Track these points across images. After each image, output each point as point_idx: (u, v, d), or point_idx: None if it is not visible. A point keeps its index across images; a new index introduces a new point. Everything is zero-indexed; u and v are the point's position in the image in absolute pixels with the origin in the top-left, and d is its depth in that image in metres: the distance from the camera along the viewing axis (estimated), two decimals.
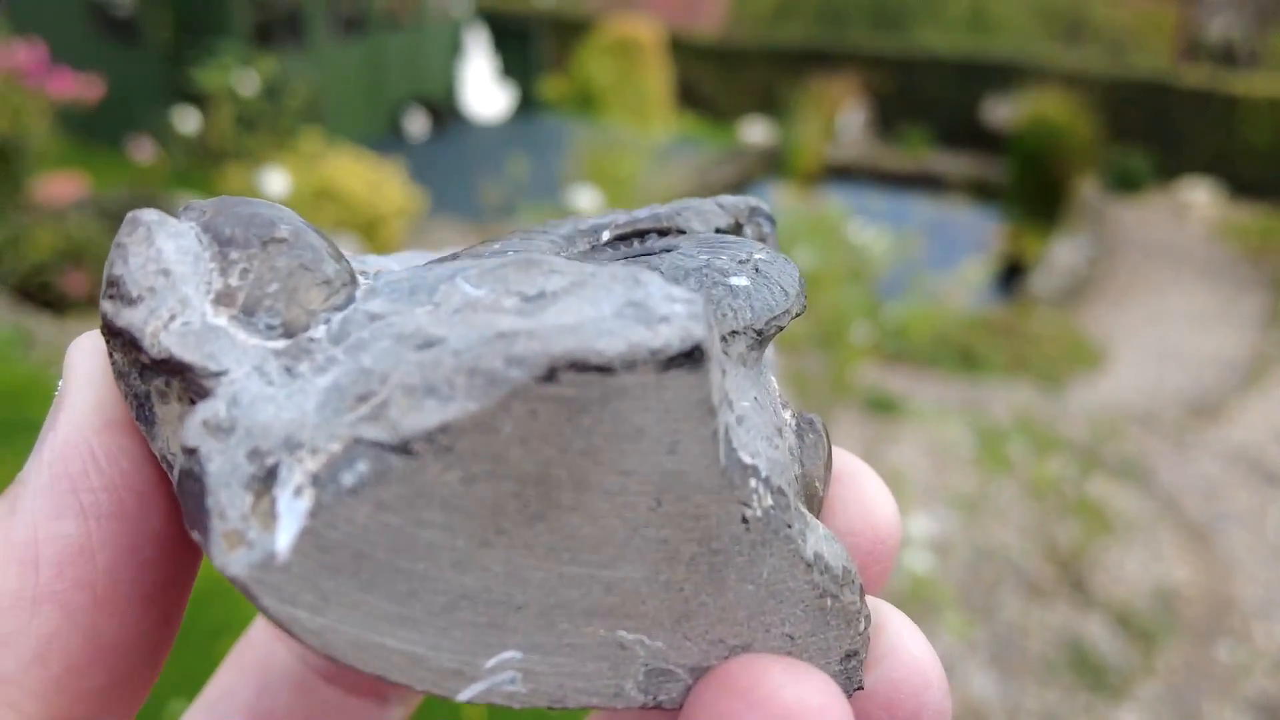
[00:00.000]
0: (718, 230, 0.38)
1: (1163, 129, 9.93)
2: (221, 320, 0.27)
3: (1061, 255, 7.38)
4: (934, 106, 11.09)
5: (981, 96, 10.77)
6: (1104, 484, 3.89)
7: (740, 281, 0.31)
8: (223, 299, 0.27)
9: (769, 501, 0.28)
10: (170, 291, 0.27)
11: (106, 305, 0.28)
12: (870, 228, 4.52)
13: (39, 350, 4.03)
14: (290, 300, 0.27)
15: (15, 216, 5.09)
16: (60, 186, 5.87)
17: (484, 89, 10.65)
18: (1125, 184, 9.52)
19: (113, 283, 0.28)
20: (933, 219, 7.25)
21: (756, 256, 0.33)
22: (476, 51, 10.60)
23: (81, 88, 5.78)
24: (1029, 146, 8.73)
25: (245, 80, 7.03)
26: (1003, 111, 10.25)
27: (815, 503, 0.33)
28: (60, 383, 0.32)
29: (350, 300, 0.28)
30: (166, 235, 0.28)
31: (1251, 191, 9.39)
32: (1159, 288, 7.19)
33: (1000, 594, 3.18)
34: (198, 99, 7.15)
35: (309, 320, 0.27)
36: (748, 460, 0.28)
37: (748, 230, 0.40)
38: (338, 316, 0.27)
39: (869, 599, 0.33)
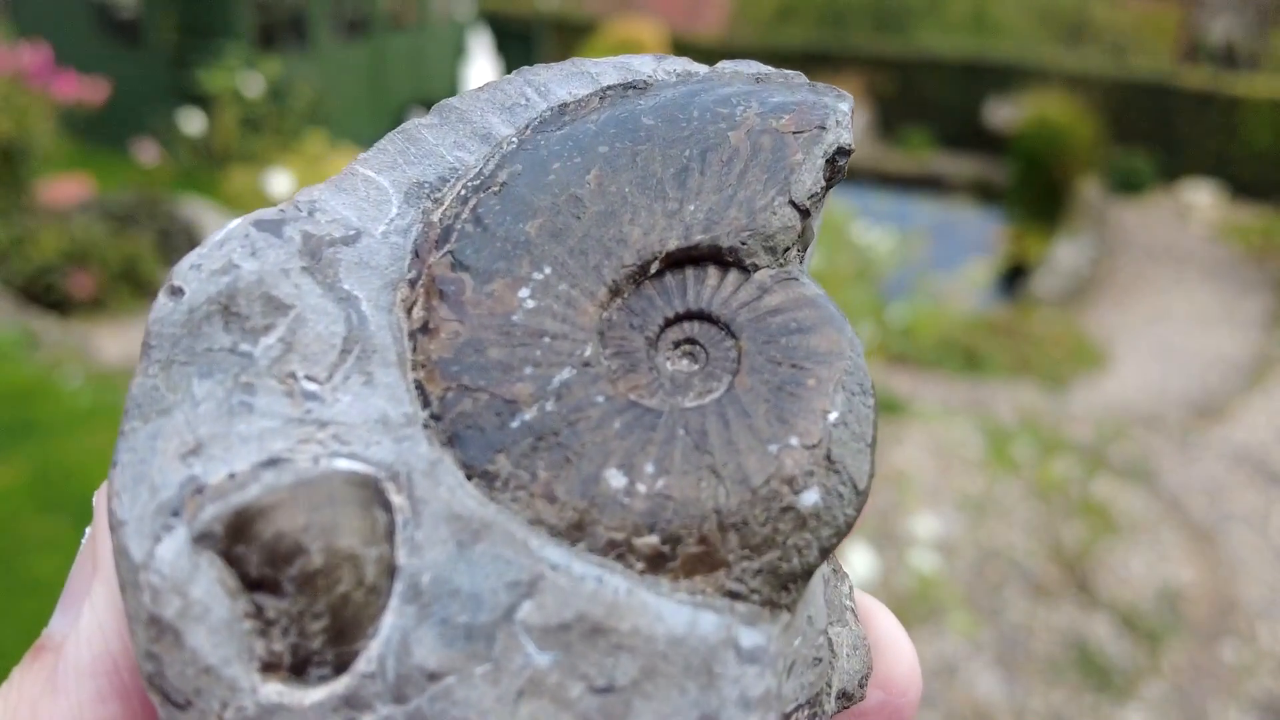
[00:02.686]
0: (785, 252, 0.33)
1: (1164, 130, 9.92)
2: (273, 691, 0.27)
3: (1064, 256, 7.38)
4: (936, 108, 11.08)
5: (983, 98, 10.75)
6: (1109, 484, 3.89)
7: (809, 500, 0.29)
8: (270, 667, 0.27)
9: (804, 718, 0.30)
10: (216, 684, 0.26)
11: (155, 699, 0.27)
12: (875, 229, 4.52)
13: (44, 351, 4.04)
14: (337, 643, 0.27)
15: (20, 218, 5.10)
16: (65, 188, 5.87)
17: None
18: (1127, 185, 9.51)
19: (156, 685, 0.27)
20: (935, 220, 7.25)
21: (830, 420, 0.30)
22: (479, 53, 10.60)
23: (86, 90, 5.78)
24: (1031, 148, 8.71)
25: (249, 82, 7.04)
26: (1005, 113, 10.24)
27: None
28: (89, 530, 0.31)
29: (394, 575, 0.27)
30: (194, 624, 0.26)
31: (1253, 193, 9.38)
32: (1161, 289, 7.18)
33: (1006, 594, 3.19)
34: (202, 101, 7.15)
35: (358, 649, 0.27)
36: (789, 709, 0.29)
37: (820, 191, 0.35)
38: (386, 633, 0.27)
39: (859, 594, 0.37)
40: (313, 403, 0.29)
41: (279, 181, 5.45)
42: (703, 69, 0.40)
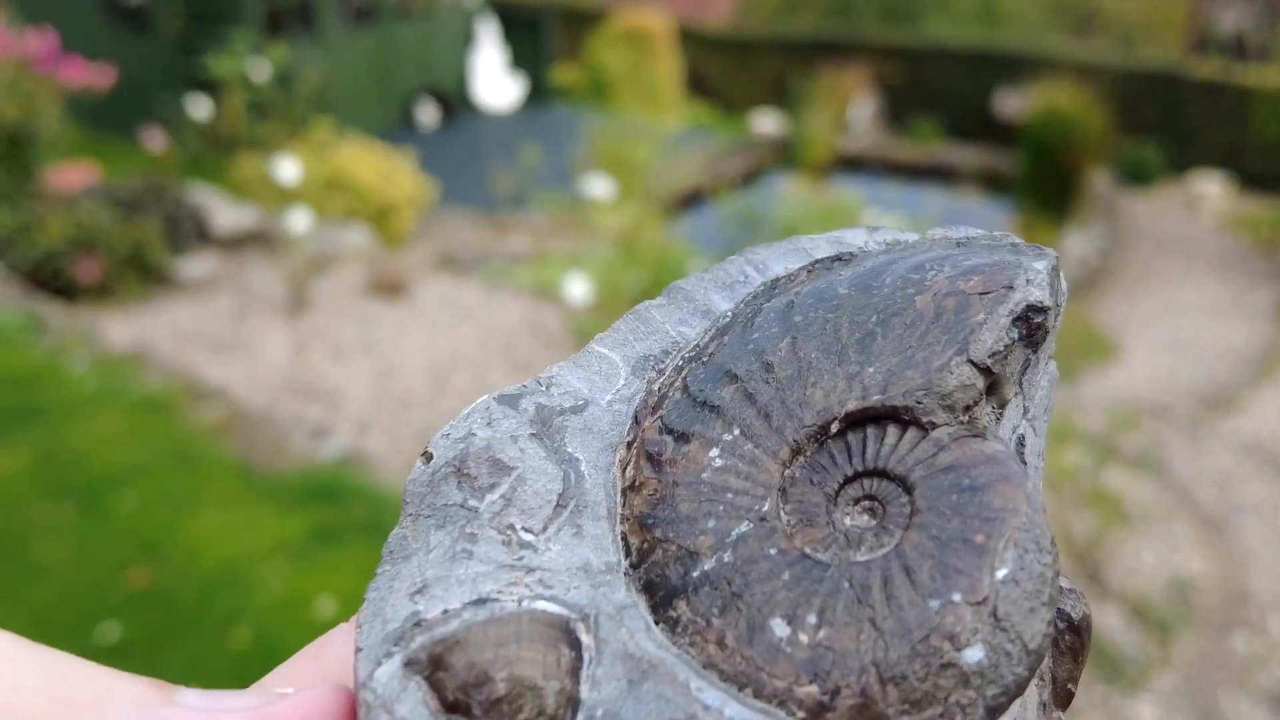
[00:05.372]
0: (967, 410, 0.34)
1: (1174, 121, 9.91)
2: None
3: (1073, 247, 7.37)
4: (945, 98, 11.07)
5: (992, 88, 10.75)
6: (1119, 475, 3.88)
7: (972, 657, 0.29)
8: None
9: None
10: None
11: None
12: (884, 218, 4.51)
13: (50, 337, 4.04)
14: None
15: (27, 204, 5.10)
16: (72, 175, 5.88)
17: (495, 78, 10.65)
18: (1136, 176, 9.50)
19: None
20: (944, 210, 7.24)
21: (998, 577, 0.29)
22: (487, 41, 10.59)
23: (93, 76, 5.79)
24: (1040, 138, 8.71)
25: (256, 68, 7.03)
26: (1014, 103, 10.23)
27: (1068, 698, 0.34)
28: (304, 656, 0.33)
29: (577, 708, 0.30)
30: None
31: (1263, 184, 9.37)
32: (1171, 280, 7.18)
33: None
34: (209, 87, 7.15)
35: None
36: None
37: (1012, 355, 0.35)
38: None
39: None
40: (526, 551, 0.33)
41: (286, 168, 5.44)
42: (913, 236, 0.42)
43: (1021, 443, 0.37)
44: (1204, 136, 9.83)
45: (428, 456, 0.36)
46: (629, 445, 0.36)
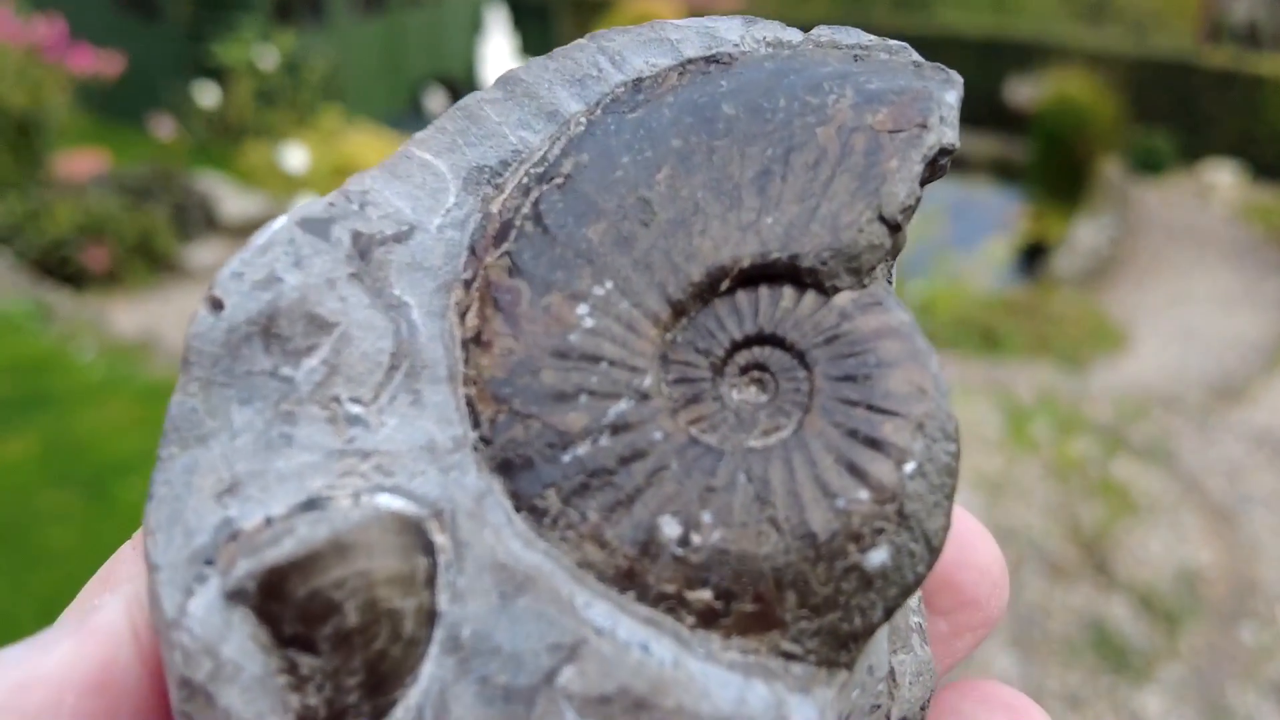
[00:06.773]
0: (871, 271, 0.30)
1: (1186, 110, 9.86)
2: None
3: (1084, 236, 7.34)
4: None
5: (1004, 76, 10.70)
6: (1128, 465, 3.87)
7: (876, 559, 0.27)
8: None
9: None
10: None
11: None
12: None
13: (58, 324, 4.05)
14: (373, 696, 0.26)
15: (35, 191, 5.11)
16: (80, 162, 5.89)
17: (504, 66, 10.64)
18: (1148, 165, 9.45)
19: None
20: (955, 198, 7.21)
21: (905, 471, 0.28)
22: (496, 29, 10.58)
23: (101, 63, 5.80)
24: (1052, 126, 8.67)
25: (264, 55, 7.03)
26: (1025, 91, 10.18)
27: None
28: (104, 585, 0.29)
29: (434, 622, 0.26)
30: (225, 685, 0.25)
31: (1275, 173, 9.31)
32: (1182, 269, 7.14)
33: (1023, 574, 3.17)
34: (217, 74, 7.15)
35: (395, 699, 0.26)
36: None
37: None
38: (425, 683, 0.26)
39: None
40: (356, 428, 0.28)
41: (294, 156, 5.45)
42: (796, 36, 0.37)
43: (890, 276, 0.33)
44: (1216, 125, 9.78)
45: (215, 304, 0.29)
46: (466, 284, 0.30)
